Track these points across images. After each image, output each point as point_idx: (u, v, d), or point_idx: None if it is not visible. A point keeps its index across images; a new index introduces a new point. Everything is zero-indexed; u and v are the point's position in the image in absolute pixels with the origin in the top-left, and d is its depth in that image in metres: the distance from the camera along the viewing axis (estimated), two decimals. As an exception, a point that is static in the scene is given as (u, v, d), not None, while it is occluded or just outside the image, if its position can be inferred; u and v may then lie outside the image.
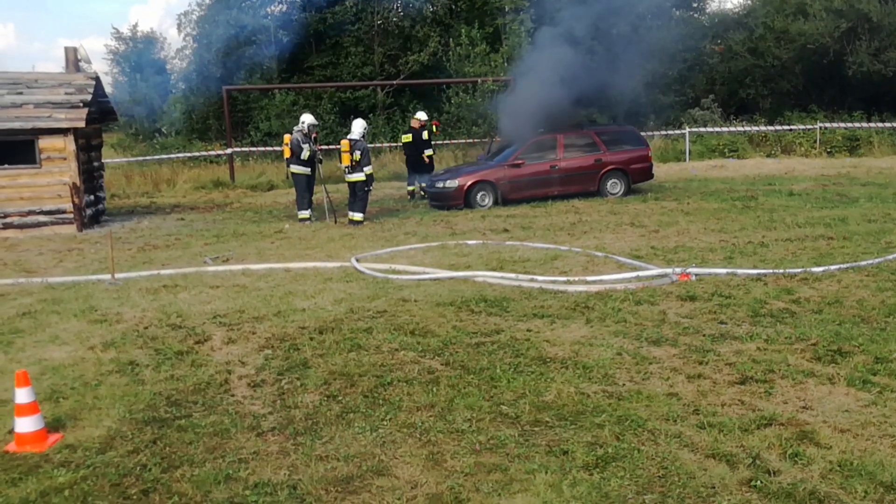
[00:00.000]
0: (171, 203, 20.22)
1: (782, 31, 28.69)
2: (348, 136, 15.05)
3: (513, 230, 13.45)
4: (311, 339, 7.28)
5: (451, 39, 29.65)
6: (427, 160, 18.94)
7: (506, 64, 25.18)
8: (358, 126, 15.24)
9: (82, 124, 15.54)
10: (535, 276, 9.47)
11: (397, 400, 5.72)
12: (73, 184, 15.53)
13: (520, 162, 16.78)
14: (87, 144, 16.90)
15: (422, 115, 19.17)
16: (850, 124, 25.77)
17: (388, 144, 27.22)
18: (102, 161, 18.50)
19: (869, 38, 27.66)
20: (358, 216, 15.11)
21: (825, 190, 16.73)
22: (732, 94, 30.95)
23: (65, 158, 15.49)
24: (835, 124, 25.86)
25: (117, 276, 10.30)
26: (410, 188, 19.26)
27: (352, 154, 14.87)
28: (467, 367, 6.34)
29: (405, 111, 30.45)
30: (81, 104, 15.72)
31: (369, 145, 26.26)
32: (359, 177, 15.03)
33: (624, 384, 5.88)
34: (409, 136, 19.00)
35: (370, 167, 15.31)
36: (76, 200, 15.59)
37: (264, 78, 31.81)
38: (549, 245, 11.69)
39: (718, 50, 31.12)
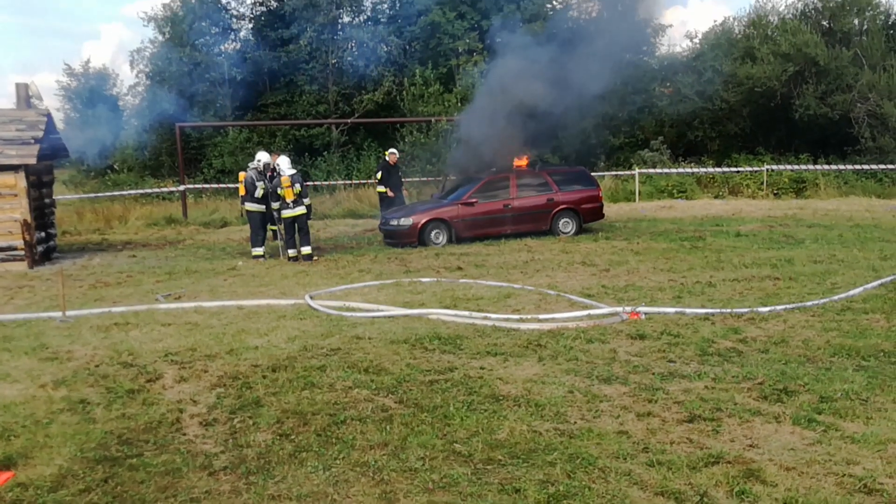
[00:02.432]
0: (122, 240, 19.97)
1: (730, 74, 29.33)
2: (284, 174, 15.15)
3: (466, 268, 13.55)
4: (264, 377, 7.26)
5: (405, 79, 29.99)
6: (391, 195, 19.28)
7: (459, 104, 25.49)
8: (285, 162, 15.47)
9: (34, 161, 15.37)
10: (489, 314, 9.56)
11: (350, 438, 5.73)
12: (25, 220, 15.32)
13: (473, 201, 16.97)
14: (39, 181, 16.69)
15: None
16: (796, 166, 26.32)
17: (342, 182, 27.28)
18: (54, 198, 18.26)
19: (816, 82, 28.37)
20: (307, 249, 15.26)
21: (772, 231, 17.13)
22: (681, 136, 31.56)
23: (16, 195, 15.33)
24: (781, 166, 26.42)
25: (68, 313, 10.15)
26: None
27: (293, 188, 15.01)
28: (421, 405, 6.37)
29: (360, 149, 30.60)
30: (33, 141, 15.56)
31: (324, 182, 26.50)
32: (300, 210, 15.18)
33: (575, 422, 5.96)
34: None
35: (308, 199, 15.61)
36: (27, 237, 15.38)
37: (218, 115, 31.75)
38: (502, 283, 11.81)
39: (667, 92, 31.78)
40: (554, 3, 32.65)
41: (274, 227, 16.12)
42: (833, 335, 8.29)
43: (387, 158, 19.56)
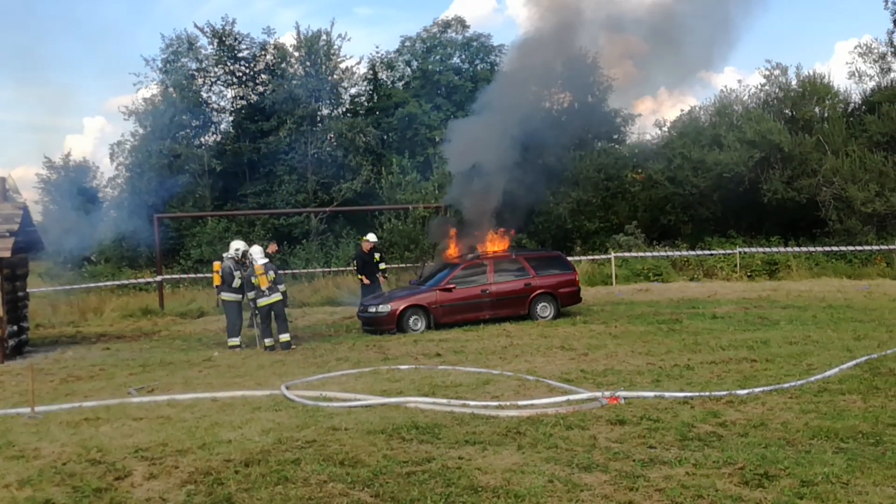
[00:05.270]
0: (97, 332, 19.72)
1: (699, 160, 29.92)
2: (257, 263, 15.21)
3: (445, 354, 13.48)
4: (237, 472, 7.08)
5: (383, 168, 30.42)
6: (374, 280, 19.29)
7: (437, 191, 25.82)
8: (258, 252, 15.58)
9: (8, 254, 15.28)
10: (467, 402, 9.47)
11: (325, 535, 5.58)
12: (-4, 314, 15.15)
13: (451, 286, 17.01)
14: (13, 274, 16.55)
15: (372, 237, 19.71)
16: (768, 249, 26.69)
17: (321, 270, 27.30)
18: (28, 290, 18.09)
19: (782, 168, 29.03)
20: (286, 336, 15.21)
21: (747, 313, 17.22)
22: (654, 220, 31.99)
23: (-12, 289, 15.17)
24: (753, 249, 26.79)
25: (37, 409, 9.92)
26: None
27: (267, 276, 15.03)
28: (397, 499, 6.24)
29: (339, 237, 30.74)
30: (8, 234, 15.50)
31: (303, 270, 26.50)
32: (276, 297, 15.19)
33: (555, 512, 5.85)
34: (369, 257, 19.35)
35: (283, 285, 15.66)
36: (-1, 331, 15.18)
37: (197, 205, 31.87)
38: (481, 369, 11.73)
39: (639, 178, 32.36)
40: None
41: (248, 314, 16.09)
42: (811, 417, 8.28)
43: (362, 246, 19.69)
